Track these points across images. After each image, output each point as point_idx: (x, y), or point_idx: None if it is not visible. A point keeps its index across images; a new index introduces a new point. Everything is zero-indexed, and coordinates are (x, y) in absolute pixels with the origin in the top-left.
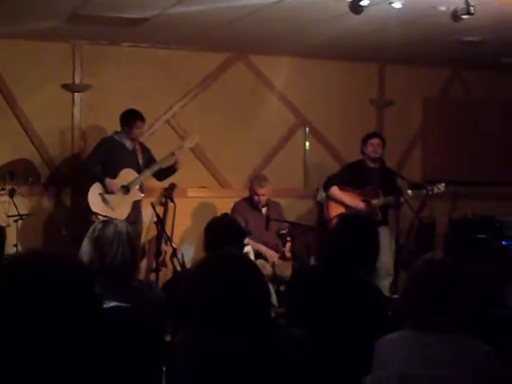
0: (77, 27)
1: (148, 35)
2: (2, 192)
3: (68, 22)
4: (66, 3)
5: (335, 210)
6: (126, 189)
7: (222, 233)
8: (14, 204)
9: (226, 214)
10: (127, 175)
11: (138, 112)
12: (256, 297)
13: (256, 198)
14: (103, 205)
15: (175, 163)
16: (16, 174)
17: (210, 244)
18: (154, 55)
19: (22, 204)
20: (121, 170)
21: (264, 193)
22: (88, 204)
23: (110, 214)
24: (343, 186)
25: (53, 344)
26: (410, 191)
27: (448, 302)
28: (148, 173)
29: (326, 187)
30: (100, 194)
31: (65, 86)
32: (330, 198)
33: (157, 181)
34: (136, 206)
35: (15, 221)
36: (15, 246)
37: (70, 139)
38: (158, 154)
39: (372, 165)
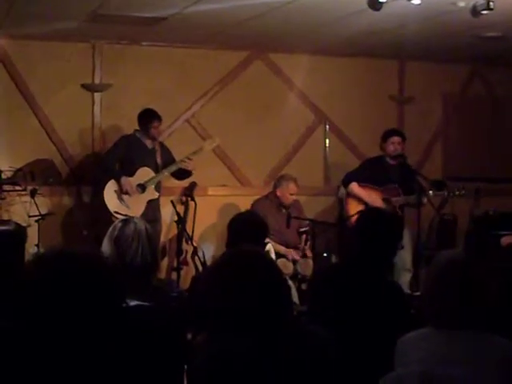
0: (96, 27)
1: (167, 34)
2: (24, 192)
3: (87, 22)
4: (85, 4)
5: (355, 207)
6: (142, 187)
7: (244, 229)
8: (36, 204)
9: (250, 211)
10: (144, 174)
11: (153, 111)
12: (275, 297)
13: (289, 197)
14: (118, 202)
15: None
16: (37, 175)
17: (232, 240)
18: (173, 54)
19: (43, 204)
20: (138, 168)
21: (297, 191)
22: (104, 201)
23: (125, 211)
24: (363, 183)
25: (78, 339)
26: (431, 192)
27: (470, 299)
28: (165, 173)
29: (345, 183)
30: (115, 192)
31: (85, 86)
32: (349, 194)
33: (176, 180)
34: (153, 205)
35: (36, 221)
36: (37, 245)
37: (90, 138)
38: (178, 152)
39: (392, 161)
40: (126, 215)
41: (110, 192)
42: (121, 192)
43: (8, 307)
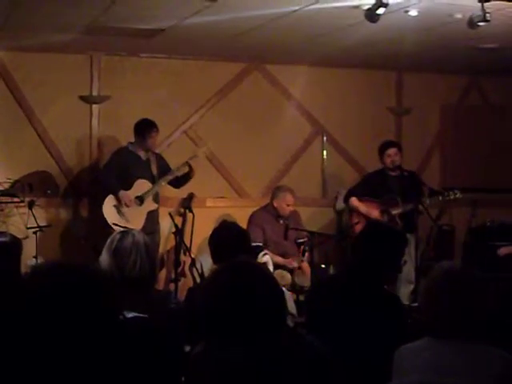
0: (94, 39)
1: (165, 46)
2: (22, 204)
3: (85, 33)
4: (83, 15)
5: (358, 217)
6: (140, 199)
7: (226, 242)
8: (33, 215)
9: (225, 222)
10: (142, 186)
11: (151, 121)
12: (270, 306)
13: (286, 207)
14: (118, 217)
15: (190, 171)
16: (35, 186)
17: (217, 255)
18: (171, 66)
19: (41, 215)
20: (135, 180)
21: (293, 202)
22: (103, 217)
23: (125, 225)
24: (364, 197)
25: (75, 352)
26: (427, 200)
27: (467, 311)
28: (162, 183)
29: (346, 199)
30: (115, 206)
31: (83, 98)
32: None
33: (174, 189)
34: (152, 217)
35: (34, 232)
36: (35, 257)
37: (88, 150)
38: (176, 164)
39: (392, 173)
40: (124, 227)
41: (108, 207)
42: (120, 206)
43: (4, 319)
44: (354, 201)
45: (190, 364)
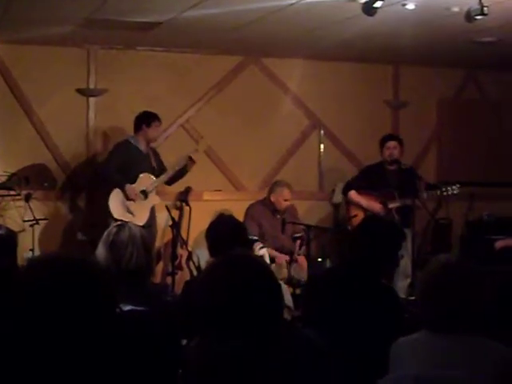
0: (91, 32)
1: (162, 39)
2: (18, 197)
3: (82, 26)
4: (80, 8)
5: (356, 210)
6: (145, 194)
7: (223, 235)
8: (30, 209)
9: (222, 215)
10: (146, 180)
11: (154, 112)
12: (267, 300)
13: (283, 202)
14: (124, 211)
15: (188, 163)
16: (31, 179)
17: (214, 248)
18: (168, 59)
19: (38, 208)
20: (138, 174)
21: (291, 197)
22: (109, 210)
23: (130, 219)
24: (362, 190)
25: (72, 344)
26: (425, 194)
27: (464, 304)
28: (165, 177)
29: (345, 191)
30: (121, 201)
31: (80, 91)
32: (349, 202)
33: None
34: (152, 210)
35: (31, 225)
36: (31, 250)
37: (85, 143)
38: (173, 158)
39: (391, 167)
40: (121, 220)
41: (115, 201)
42: (126, 199)
43: (1, 312)
44: (353, 195)
45: (186, 357)
